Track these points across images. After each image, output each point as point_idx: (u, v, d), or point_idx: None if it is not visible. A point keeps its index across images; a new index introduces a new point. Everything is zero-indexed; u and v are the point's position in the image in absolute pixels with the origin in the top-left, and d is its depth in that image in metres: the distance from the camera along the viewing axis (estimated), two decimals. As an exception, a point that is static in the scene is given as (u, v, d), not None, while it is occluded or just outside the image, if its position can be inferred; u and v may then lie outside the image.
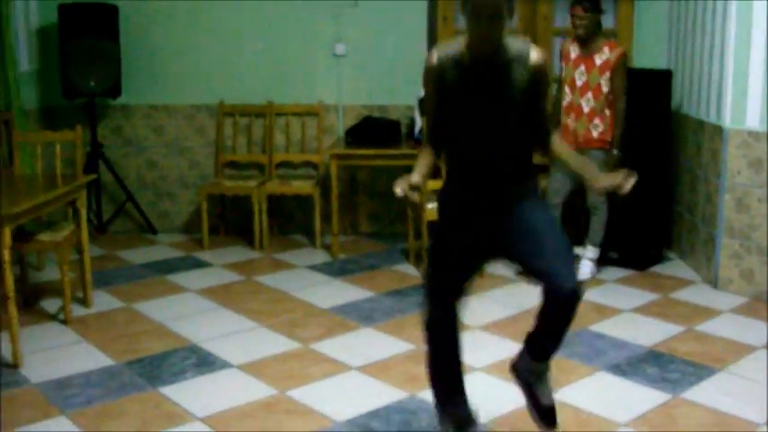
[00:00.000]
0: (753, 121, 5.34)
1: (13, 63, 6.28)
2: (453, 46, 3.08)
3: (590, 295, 5.55)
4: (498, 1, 2.85)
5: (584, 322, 5.05)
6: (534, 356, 3.28)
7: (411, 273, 6.10)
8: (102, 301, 5.53)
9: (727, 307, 5.30)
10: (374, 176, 7.12)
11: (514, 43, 3.03)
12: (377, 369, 4.39)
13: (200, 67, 7.09)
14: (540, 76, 3.04)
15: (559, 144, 3.27)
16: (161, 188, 7.30)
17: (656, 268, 6.15)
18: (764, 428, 3.76)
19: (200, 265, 6.40)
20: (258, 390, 4.21)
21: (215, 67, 7.08)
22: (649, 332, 4.90)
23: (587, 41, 5.66)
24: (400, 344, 4.76)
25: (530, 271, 3.17)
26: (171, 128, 7.20)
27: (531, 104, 3.06)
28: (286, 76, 7.06)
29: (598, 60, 5.63)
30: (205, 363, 4.55)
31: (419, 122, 6.39)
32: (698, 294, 5.55)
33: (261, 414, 3.94)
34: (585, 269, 5.85)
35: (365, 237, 7.17)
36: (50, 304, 5.47)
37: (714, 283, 5.62)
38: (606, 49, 5.64)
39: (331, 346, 4.76)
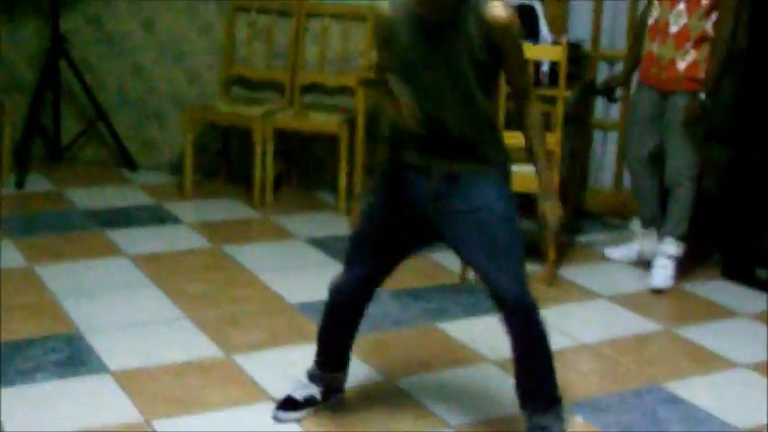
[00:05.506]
0: None
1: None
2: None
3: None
4: None
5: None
6: (532, 409, 3.70)
7: (443, 263, 5.73)
8: (4, 255, 5.60)
9: None
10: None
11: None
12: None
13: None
14: (499, 35, 3.43)
15: (533, 123, 3.62)
16: (147, 106, 7.28)
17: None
18: None
19: (163, 219, 6.44)
20: (120, 412, 4.05)
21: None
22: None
23: None
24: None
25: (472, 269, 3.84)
26: (165, 24, 7.12)
27: (493, 65, 3.52)
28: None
29: None
30: (72, 362, 4.48)
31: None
32: None
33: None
34: (660, 272, 5.76)
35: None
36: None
37: None
38: None
39: (260, 362, 4.52)
